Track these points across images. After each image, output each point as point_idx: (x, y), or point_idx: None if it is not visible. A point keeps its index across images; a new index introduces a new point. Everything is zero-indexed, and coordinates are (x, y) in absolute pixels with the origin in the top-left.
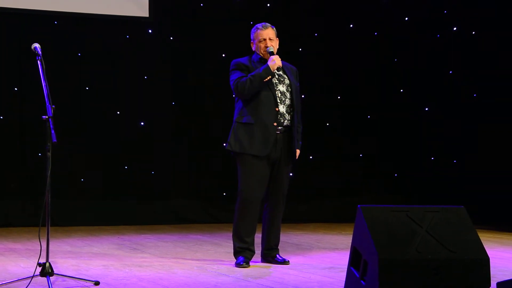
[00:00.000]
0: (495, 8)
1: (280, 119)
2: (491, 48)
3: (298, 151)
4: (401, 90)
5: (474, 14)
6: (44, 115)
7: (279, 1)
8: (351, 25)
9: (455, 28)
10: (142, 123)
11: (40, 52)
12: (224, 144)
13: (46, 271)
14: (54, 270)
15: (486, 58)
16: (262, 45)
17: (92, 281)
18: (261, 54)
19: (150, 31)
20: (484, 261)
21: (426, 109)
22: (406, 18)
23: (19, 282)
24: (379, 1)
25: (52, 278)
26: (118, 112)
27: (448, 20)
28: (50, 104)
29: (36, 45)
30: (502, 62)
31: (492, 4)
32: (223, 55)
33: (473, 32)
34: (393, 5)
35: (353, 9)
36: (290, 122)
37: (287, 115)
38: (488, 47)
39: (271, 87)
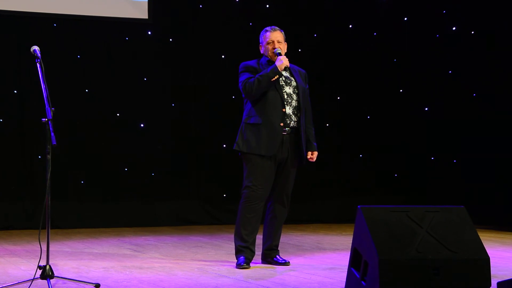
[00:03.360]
0: (494, 8)
1: (286, 120)
2: (490, 48)
3: (315, 153)
4: (401, 90)
5: (473, 13)
6: (43, 118)
7: (278, 2)
8: (350, 26)
9: (454, 28)
10: (142, 125)
11: (39, 55)
12: (225, 145)
13: (47, 273)
14: (54, 272)
15: (485, 58)
16: (270, 47)
17: (92, 283)
18: (269, 56)
19: (149, 32)
20: (484, 261)
21: (426, 109)
22: (405, 18)
23: (19, 285)
24: (378, 1)
25: (52, 281)
26: (118, 114)
27: (447, 20)
28: (49, 106)
29: (36, 47)
30: (501, 62)
31: (491, 4)
32: (223, 56)
33: (472, 32)
34: (392, 5)
35: (352, 10)
36: (297, 124)
37: (293, 116)
38: (487, 46)
39: (278, 88)
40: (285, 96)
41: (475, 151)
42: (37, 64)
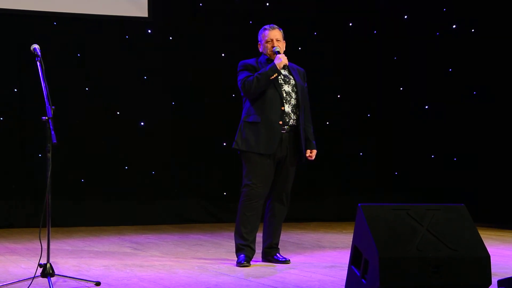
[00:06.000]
0: (494, 6)
1: (285, 118)
2: (490, 46)
3: (314, 151)
4: (401, 89)
5: (473, 12)
6: (44, 116)
7: (278, 1)
8: (350, 24)
9: (454, 26)
10: (142, 123)
11: (39, 53)
12: (225, 143)
13: (47, 272)
14: (55, 270)
15: (485, 56)
16: (269, 45)
17: (93, 281)
18: (268, 55)
19: (149, 31)
20: (484, 259)
21: (426, 107)
22: (405, 17)
23: (20, 283)
24: None
25: (53, 279)
26: (118, 113)
27: (447, 18)
28: (50, 105)
29: (36, 46)
30: (502, 60)
31: (491, 2)
32: (223, 54)
33: (472, 30)
34: (392, 3)
35: (352, 8)
36: (296, 122)
37: (292, 114)
38: (487, 45)
39: (277, 86)
40: (284, 95)
41: (475, 149)
42: (37, 62)
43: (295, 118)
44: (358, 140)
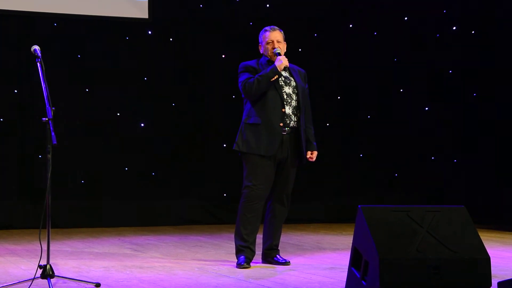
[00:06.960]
0: (494, 7)
1: (286, 120)
2: (490, 47)
3: (315, 153)
4: (401, 90)
5: (474, 13)
6: (44, 117)
7: (278, 2)
8: (350, 25)
9: (454, 28)
10: (142, 125)
11: (39, 54)
12: (225, 144)
13: (47, 273)
14: (55, 272)
15: (485, 57)
16: (270, 46)
17: (93, 283)
18: (268, 56)
19: (149, 32)
20: (485, 261)
21: (426, 108)
22: (406, 18)
23: (20, 285)
24: (379, 0)
25: (53, 280)
26: (118, 114)
27: (447, 19)
28: (50, 106)
29: (36, 47)
30: (501, 61)
31: (492, 3)
32: (223, 56)
33: (473, 32)
34: (392, 4)
35: (353, 9)
36: (297, 124)
37: (293, 116)
38: (487, 46)
39: (277, 88)
40: (285, 96)
41: (476, 150)
42: (38, 63)
43: (295, 119)
44: (358, 141)
